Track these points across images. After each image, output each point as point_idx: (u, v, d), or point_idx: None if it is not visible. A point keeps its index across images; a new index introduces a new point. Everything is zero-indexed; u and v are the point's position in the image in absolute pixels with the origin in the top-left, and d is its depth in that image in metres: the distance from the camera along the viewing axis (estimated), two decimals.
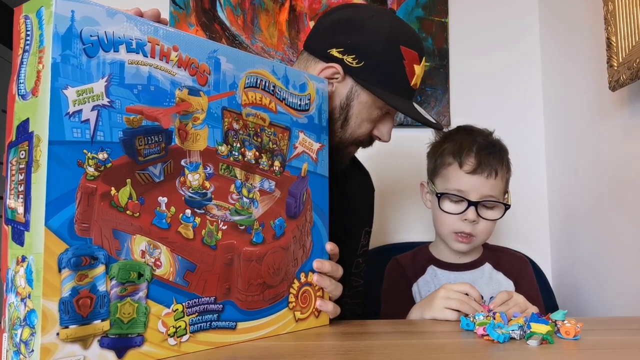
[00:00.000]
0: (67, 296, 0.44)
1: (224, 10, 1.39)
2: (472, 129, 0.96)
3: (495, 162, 0.90)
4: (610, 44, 0.98)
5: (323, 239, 0.70)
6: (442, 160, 0.93)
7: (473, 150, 0.90)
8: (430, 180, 0.97)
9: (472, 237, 0.91)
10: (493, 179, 0.89)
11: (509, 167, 0.94)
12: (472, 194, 0.89)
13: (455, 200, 0.90)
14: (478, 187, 0.89)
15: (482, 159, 0.89)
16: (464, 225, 0.90)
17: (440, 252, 0.98)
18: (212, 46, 0.56)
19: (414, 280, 0.97)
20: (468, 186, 0.89)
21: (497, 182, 0.90)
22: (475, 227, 0.90)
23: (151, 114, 0.50)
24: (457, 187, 0.90)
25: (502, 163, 0.91)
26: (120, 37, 0.48)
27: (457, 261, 0.97)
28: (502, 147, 0.95)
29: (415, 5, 1.42)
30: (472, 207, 0.89)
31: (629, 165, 1.00)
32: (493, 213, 0.91)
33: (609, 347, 0.58)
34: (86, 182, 0.46)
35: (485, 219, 0.90)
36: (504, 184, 0.93)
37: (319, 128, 0.70)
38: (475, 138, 0.92)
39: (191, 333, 0.53)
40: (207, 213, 0.55)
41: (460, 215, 0.90)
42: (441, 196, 0.91)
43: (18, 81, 0.47)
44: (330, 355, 0.54)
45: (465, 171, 0.89)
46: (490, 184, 0.89)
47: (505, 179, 0.93)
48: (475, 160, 0.89)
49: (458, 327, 0.68)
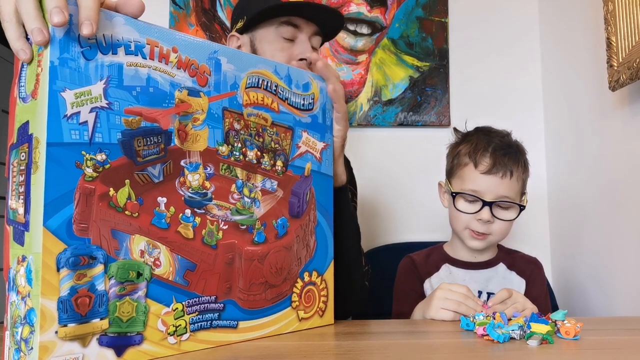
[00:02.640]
0: (66, 295, 0.44)
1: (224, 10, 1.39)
2: (489, 130, 0.97)
3: (511, 162, 0.90)
4: (610, 44, 0.98)
5: (327, 239, 0.70)
6: (459, 161, 0.94)
7: (488, 151, 0.91)
8: (447, 180, 0.98)
9: (487, 235, 0.91)
10: (508, 179, 0.89)
11: (525, 168, 0.94)
12: (487, 195, 0.89)
13: (471, 200, 0.91)
14: (493, 187, 0.89)
15: (498, 160, 0.89)
16: (478, 224, 0.90)
17: (455, 250, 0.99)
18: (212, 47, 0.57)
19: (427, 277, 0.97)
20: (483, 186, 0.90)
21: (512, 183, 0.90)
22: (490, 226, 0.91)
23: (150, 115, 0.50)
24: (473, 187, 0.90)
25: (518, 164, 0.91)
26: (119, 40, 0.49)
27: (472, 260, 0.97)
28: (519, 148, 0.94)
29: (415, 5, 1.42)
30: (487, 207, 0.89)
31: (629, 165, 1.00)
32: (508, 213, 0.91)
33: (609, 347, 0.57)
34: (84, 183, 0.46)
35: (500, 219, 0.90)
36: (520, 185, 0.93)
37: (323, 127, 0.70)
38: (491, 139, 0.93)
39: (191, 332, 0.53)
40: (207, 213, 0.55)
41: (475, 214, 0.90)
42: (456, 195, 0.92)
43: (19, 84, 0.48)
44: (330, 355, 0.54)
45: (480, 171, 0.90)
46: (505, 185, 0.89)
47: (522, 180, 0.93)
48: (490, 160, 0.90)
49: (458, 327, 0.68)
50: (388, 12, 1.41)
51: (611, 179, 1.07)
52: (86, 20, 0.44)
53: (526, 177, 0.94)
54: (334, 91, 0.70)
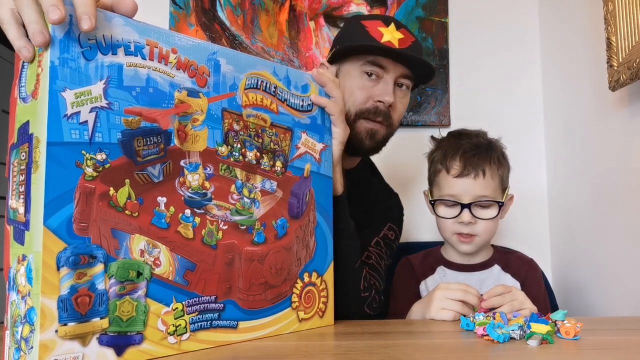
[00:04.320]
0: (66, 294, 0.44)
1: (224, 10, 1.39)
2: (460, 133, 0.98)
3: (482, 162, 0.91)
4: (610, 44, 0.98)
5: (327, 240, 0.70)
6: (434, 168, 0.97)
7: (458, 154, 0.93)
8: (429, 188, 1.00)
9: (474, 237, 0.92)
10: (482, 179, 0.90)
11: (500, 163, 0.94)
12: (464, 197, 0.91)
13: (450, 204, 0.92)
14: (468, 189, 0.91)
15: (467, 161, 0.91)
16: (462, 227, 0.92)
17: (449, 254, 1.00)
18: (211, 48, 0.57)
19: (422, 278, 0.98)
20: (458, 190, 0.91)
21: (487, 182, 0.91)
22: (474, 227, 0.91)
23: (150, 116, 0.51)
24: (449, 192, 0.92)
25: (491, 161, 0.92)
26: (119, 40, 0.49)
27: (466, 262, 0.97)
28: (491, 145, 0.95)
29: (415, 5, 1.42)
30: (466, 209, 0.90)
31: (629, 165, 1.00)
32: (489, 212, 0.92)
33: (609, 347, 0.57)
34: (84, 182, 0.46)
35: (481, 219, 0.91)
36: (498, 181, 0.93)
37: (322, 128, 0.70)
38: (460, 142, 0.94)
39: (191, 332, 0.54)
40: (207, 213, 0.55)
41: (457, 218, 0.91)
42: (435, 203, 0.94)
43: (19, 85, 0.48)
44: (330, 355, 0.54)
45: (452, 175, 0.92)
46: (480, 185, 0.90)
47: (499, 176, 0.93)
48: (460, 163, 0.91)
49: (458, 327, 0.68)
50: (388, 12, 1.41)
51: (611, 179, 1.07)
52: (84, 15, 0.45)
53: (504, 172, 0.95)
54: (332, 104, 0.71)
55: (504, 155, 0.96)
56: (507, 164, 0.96)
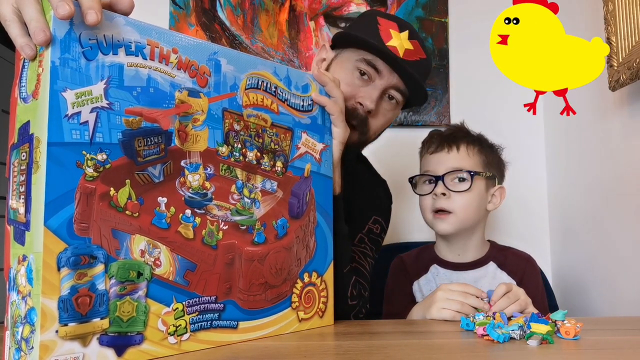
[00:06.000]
0: (66, 294, 0.44)
1: (224, 10, 1.39)
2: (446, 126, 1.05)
3: (458, 139, 0.94)
4: (610, 44, 0.98)
5: (327, 240, 0.70)
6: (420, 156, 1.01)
7: (436, 135, 0.97)
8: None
9: (450, 214, 0.92)
10: (456, 152, 0.93)
11: (482, 146, 0.95)
12: (439, 170, 0.93)
13: (425, 180, 0.96)
14: (441, 160, 0.93)
15: (444, 139, 0.95)
16: (437, 201, 0.93)
17: (441, 250, 0.99)
18: (212, 48, 0.57)
19: (415, 278, 0.97)
20: (433, 164, 0.94)
21: (461, 155, 0.93)
22: (449, 202, 0.92)
23: (150, 116, 0.51)
24: (425, 169, 0.96)
25: (468, 140, 0.95)
26: (119, 40, 0.49)
27: (460, 260, 0.97)
28: (475, 133, 0.98)
29: (415, 5, 1.42)
30: (440, 181, 0.92)
31: (629, 165, 1.00)
32: (463, 185, 0.92)
33: (609, 347, 0.57)
34: (85, 182, 0.46)
35: (454, 191, 0.91)
36: (477, 161, 0.94)
37: (323, 129, 0.70)
38: (441, 130, 1.00)
39: (192, 332, 0.54)
40: (207, 213, 0.55)
41: (433, 193, 0.93)
42: (413, 181, 0.98)
43: (20, 85, 0.48)
44: (330, 355, 0.54)
45: (429, 153, 0.96)
46: (453, 157, 0.93)
47: (479, 157, 0.94)
48: (437, 141, 0.96)
49: (458, 327, 0.68)
50: (388, 12, 1.41)
51: (611, 179, 1.07)
52: (90, 10, 0.44)
53: (487, 156, 0.95)
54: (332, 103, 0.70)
55: (493, 147, 0.98)
56: (497, 155, 0.98)
